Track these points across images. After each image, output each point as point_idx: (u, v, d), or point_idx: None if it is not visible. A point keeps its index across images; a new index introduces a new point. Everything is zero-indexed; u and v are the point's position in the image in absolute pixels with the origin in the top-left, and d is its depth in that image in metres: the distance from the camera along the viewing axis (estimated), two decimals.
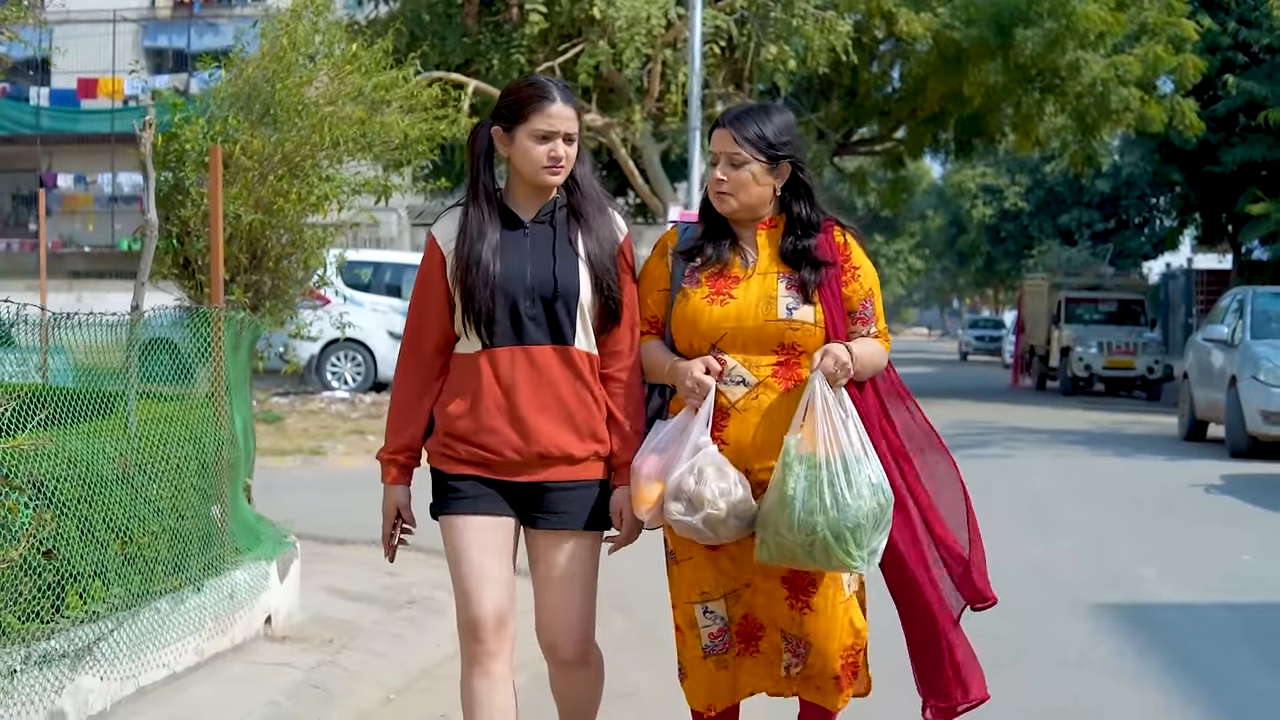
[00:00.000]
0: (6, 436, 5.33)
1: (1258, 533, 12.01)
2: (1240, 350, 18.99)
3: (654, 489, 4.54)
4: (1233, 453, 18.52)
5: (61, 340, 6.21)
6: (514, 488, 4.64)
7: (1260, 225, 32.89)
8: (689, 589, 4.77)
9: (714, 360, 4.59)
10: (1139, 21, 29.15)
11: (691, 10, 22.85)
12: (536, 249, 4.65)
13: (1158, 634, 8.16)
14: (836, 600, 4.66)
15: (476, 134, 4.73)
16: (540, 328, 4.61)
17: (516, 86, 4.71)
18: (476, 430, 4.61)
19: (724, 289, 4.68)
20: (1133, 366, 32.98)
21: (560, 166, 4.59)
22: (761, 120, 4.67)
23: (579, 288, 4.63)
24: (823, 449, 4.41)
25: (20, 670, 5.26)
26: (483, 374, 4.61)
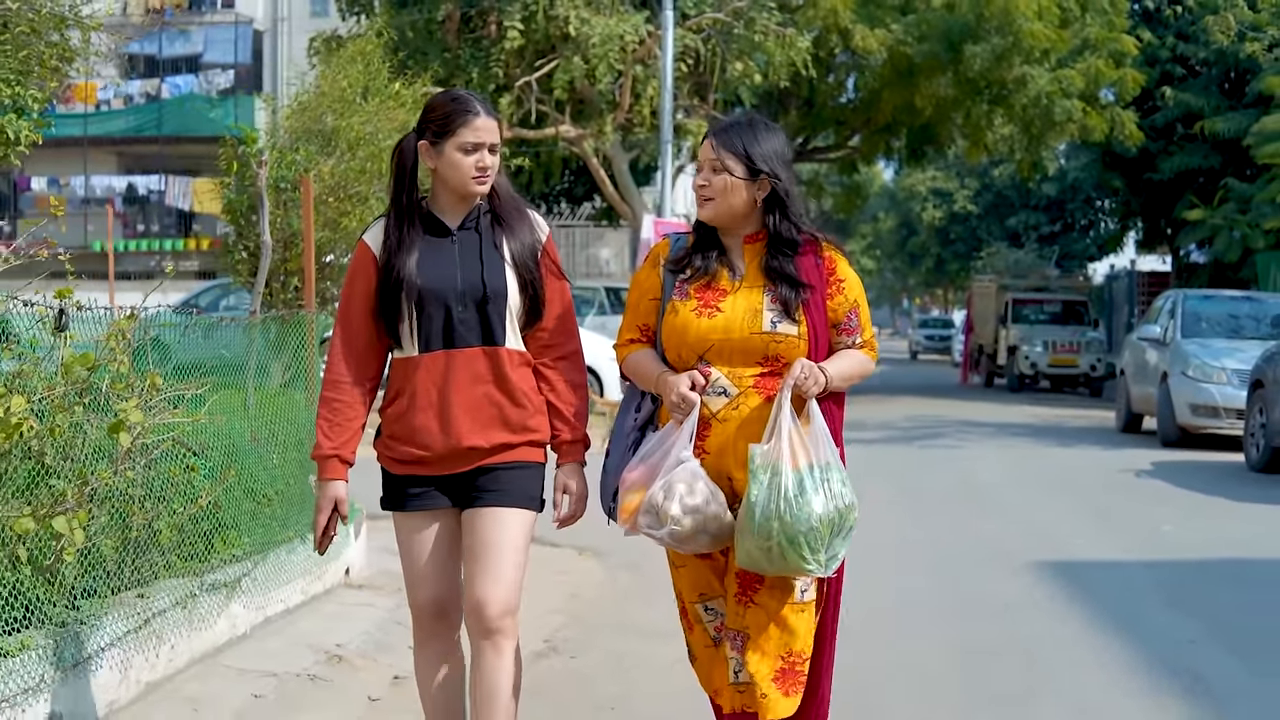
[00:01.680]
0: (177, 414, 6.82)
1: (1178, 509, 13.58)
2: (1171, 348, 20.49)
3: (633, 498, 4.69)
4: (1164, 442, 20.06)
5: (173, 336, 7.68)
6: (450, 479, 4.83)
7: (1196, 230, 34.57)
8: (689, 590, 4.95)
9: (699, 375, 4.71)
10: (1082, 37, 30.77)
11: (664, 33, 24.33)
12: (464, 255, 4.81)
13: (1082, 585, 9.68)
14: (784, 600, 4.73)
15: (402, 148, 4.87)
16: (471, 331, 4.77)
17: (441, 102, 4.86)
18: (410, 429, 4.80)
19: (712, 301, 4.79)
20: (1076, 364, 34.61)
21: (487, 176, 4.78)
22: (746, 134, 4.77)
23: (507, 289, 4.80)
24: (787, 458, 4.53)
25: (197, 594, 6.76)
26: (417, 377, 4.78)
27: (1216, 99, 34.68)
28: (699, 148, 4.97)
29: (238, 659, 6.96)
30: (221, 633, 7.05)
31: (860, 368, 4.87)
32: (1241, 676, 7.40)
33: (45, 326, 5.70)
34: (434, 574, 4.89)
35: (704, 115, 27.60)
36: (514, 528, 4.81)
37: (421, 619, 4.94)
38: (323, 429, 4.86)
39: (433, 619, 4.91)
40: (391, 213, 4.87)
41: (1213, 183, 34.31)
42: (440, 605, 4.89)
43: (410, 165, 4.85)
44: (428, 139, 4.81)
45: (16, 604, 5.45)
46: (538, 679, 7.16)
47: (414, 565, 4.90)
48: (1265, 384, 16.74)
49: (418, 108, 10.81)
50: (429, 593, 4.88)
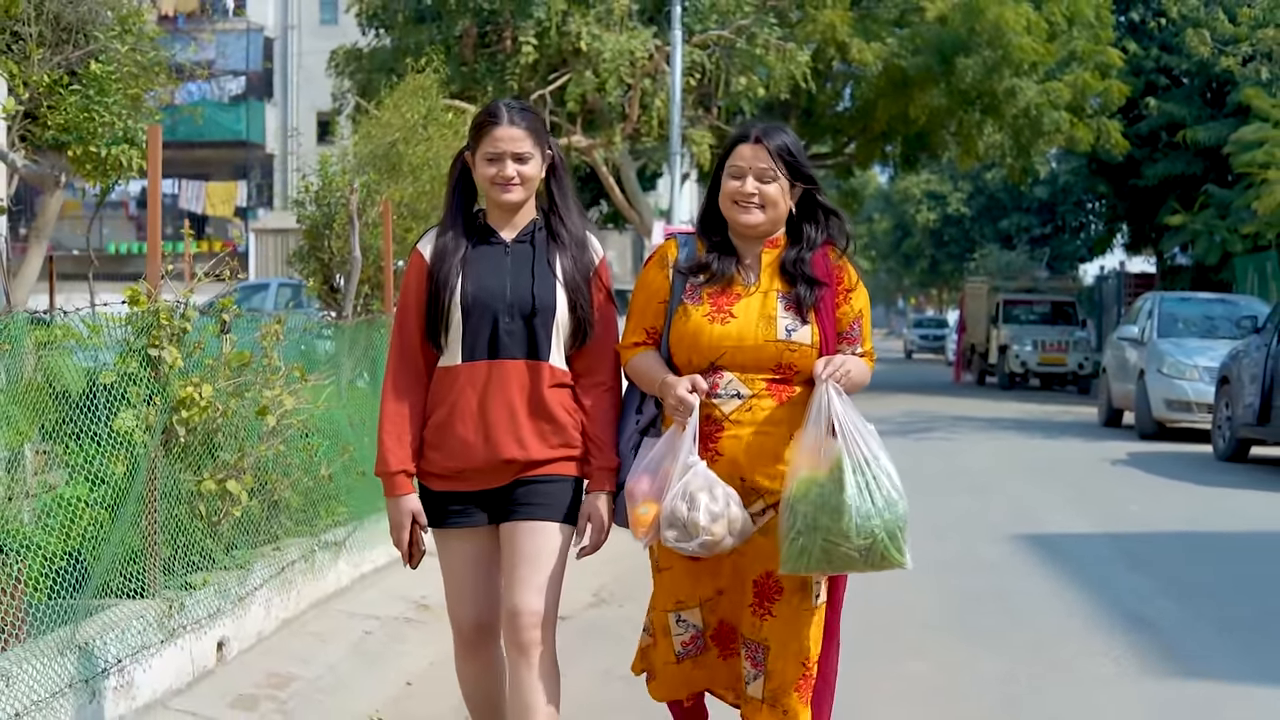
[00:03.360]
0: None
1: (1147, 492, 15.03)
2: (1148, 347, 21.88)
3: (649, 511, 4.60)
4: (1141, 435, 21.48)
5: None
6: (489, 493, 4.81)
7: (1178, 235, 36.01)
8: (665, 597, 4.89)
9: (700, 379, 4.66)
10: (1069, 50, 32.19)
11: (673, 50, 25.66)
12: (516, 267, 4.80)
13: (1054, 551, 11.08)
14: (802, 607, 4.73)
15: (455, 163, 4.97)
16: (517, 343, 4.75)
17: (477, 113, 4.96)
18: (449, 439, 4.78)
19: (725, 306, 4.73)
20: (1065, 363, 36.03)
21: (512, 185, 4.77)
22: (792, 141, 4.78)
23: (555, 305, 4.77)
24: (856, 453, 4.48)
25: (315, 551, 8.17)
26: (459, 386, 4.77)
27: (1198, 108, 36.07)
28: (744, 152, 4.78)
29: (345, 605, 8.37)
30: (330, 584, 8.44)
31: (865, 376, 4.80)
32: (1184, 618, 8.83)
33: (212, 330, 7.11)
34: (475, 592, 4.92)
35: (707, 126, 28.96)
36: (551, 540, 4.79)
37: (464, 634, 4.98)
38: (387, 444, 4.85)
39: (475, 633, 4.96)
40: (444, 220, 4.93)
41: (1195, 189, 35.65)
42: (482, 622, 4.94)
43: (460, 176, 4.93)
44: (469, 150, 4.88)
45: (194, 551, 6.86)
46: (592, 624, 8.58)
47: (456, 583, 4.93)
48: (1231, 380, 18.14)
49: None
50: (471, 611, 4.92)
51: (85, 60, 11.22)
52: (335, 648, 7.56)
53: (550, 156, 4.90)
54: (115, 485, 6.05)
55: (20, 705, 5.12)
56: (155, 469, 6.28)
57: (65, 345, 6.47)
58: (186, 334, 6.45)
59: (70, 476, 6.02)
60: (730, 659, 4.91)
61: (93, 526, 5.88)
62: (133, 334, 6.23)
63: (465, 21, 28.07)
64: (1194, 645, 8.18)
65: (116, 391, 6.10)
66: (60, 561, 5.75)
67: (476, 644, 4.99)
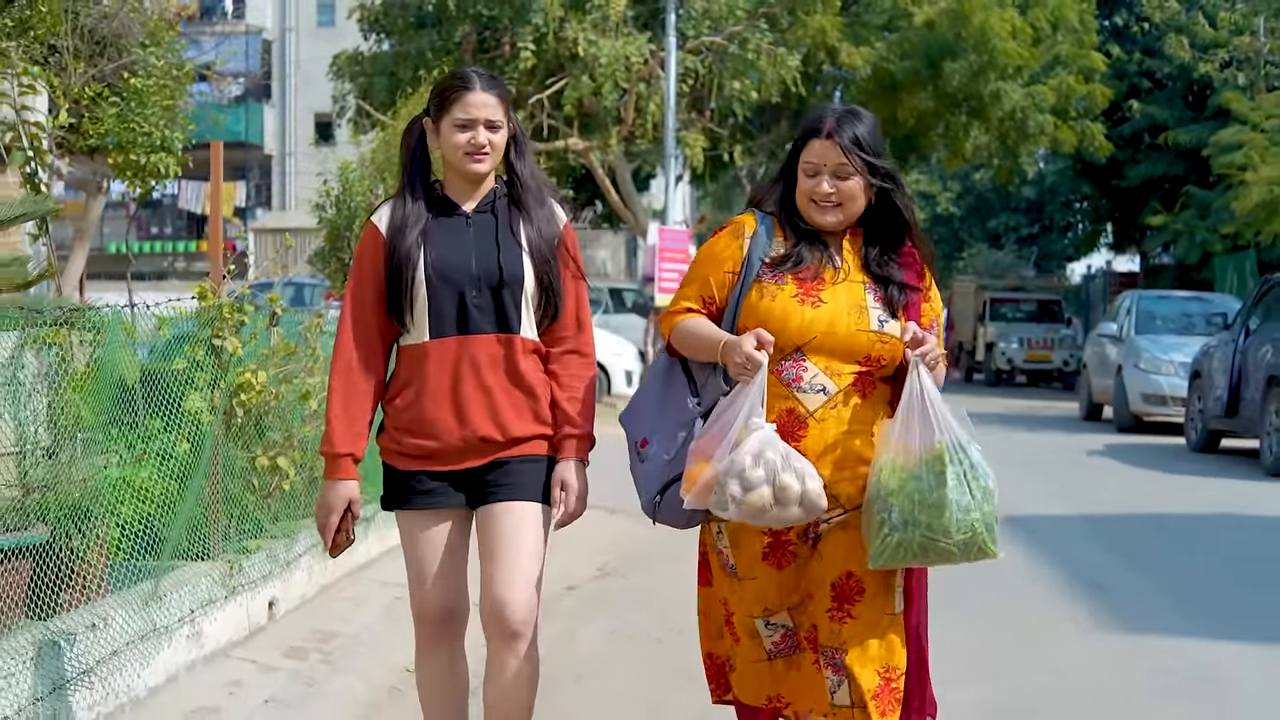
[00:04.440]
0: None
1: (1119, 479, 15.89)
2: (1126, 344, 22.66)
3: (697, 469, 4.30)
4: (1119, 428, 22.31)
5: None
6: (462, 474, 4.65)
7: (1160, 234, 36.92)
8: (751, 604, 4.50)
9: (765, 332, 4.29)
10: (1053, 54, 33.03)
11: (667, 56, 26.46)
12: (479, 238, 4.61)
13: (1028, 530, 11.87)
14: (883, 610, 4.43)
15: (410, 127, 4.72)
16: (486, 317, 4.58)
17: (442, 79, 4.71)
18: (420, 420, 4.60)
19: (813, 291, 4.43)
20: (1050, 360, 36.99)
21: (483, 154, 4.56)
22: (864, 135, 4.43)
23: (524, 276, 4.60)
24: (952, 443, 4.24)
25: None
26: (428, 364, 4.59)
27: (1180, 111, 36.96)
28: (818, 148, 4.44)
29: (375, 574, 9.17)
30: (361, 556, 9.24)
31: (941, 376, 4.51)
32: (1140, 587, 9.70)
33: (263, 322, 7.92)
34: (443, 578, 4.70)
35: (701, 128, 29.74)
36: (532, 523, 4.66)
37: (427, 625, 4.75)
38: (335, 425, 4.67)
39: (439, 624, 4.73)
40: (403, 193, 4.68)
41: (1176, 190, 36.50)
42: (448, 611, 4.72)
43: (417, 144, 4.70)
44: (429, 117, 4.67)
45: (247, 520, 7.67)
46: (599, 593, 9.39)
47: (422, 568, 4.72)
48: (1202, 375, 18.99)
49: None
50: (437, 599, 4.71)
51: (119, 72, 12.02)
52: (369, 610, 8.35)
53: (513, 128, 4.68)
54: (183, 460, 6.86)
55: (115, 645, 5.93)
56: (218, 446, 7.10)
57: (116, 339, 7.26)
58: (244, 326, 7.26)
59: (144, 454, 6.82)
60: (821, 670, 4.46)
61: (165, 497, 6.69)
62: (199, 325, 7.04)
63: (465, 27, 28.82)
64: (1145, 609, 9.03)
65: (185, 377, 6.91)
66: (136, 526, 6.57)
67: (441, 635, 4.76)
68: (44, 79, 11.14)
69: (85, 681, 5.65)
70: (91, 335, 6.41)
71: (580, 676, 7.19)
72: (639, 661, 7.55)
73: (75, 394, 6.15)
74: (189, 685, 6.46)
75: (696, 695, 6.88)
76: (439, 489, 4.67)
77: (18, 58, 9.73)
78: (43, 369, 6.07)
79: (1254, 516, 13.04)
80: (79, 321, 5.95)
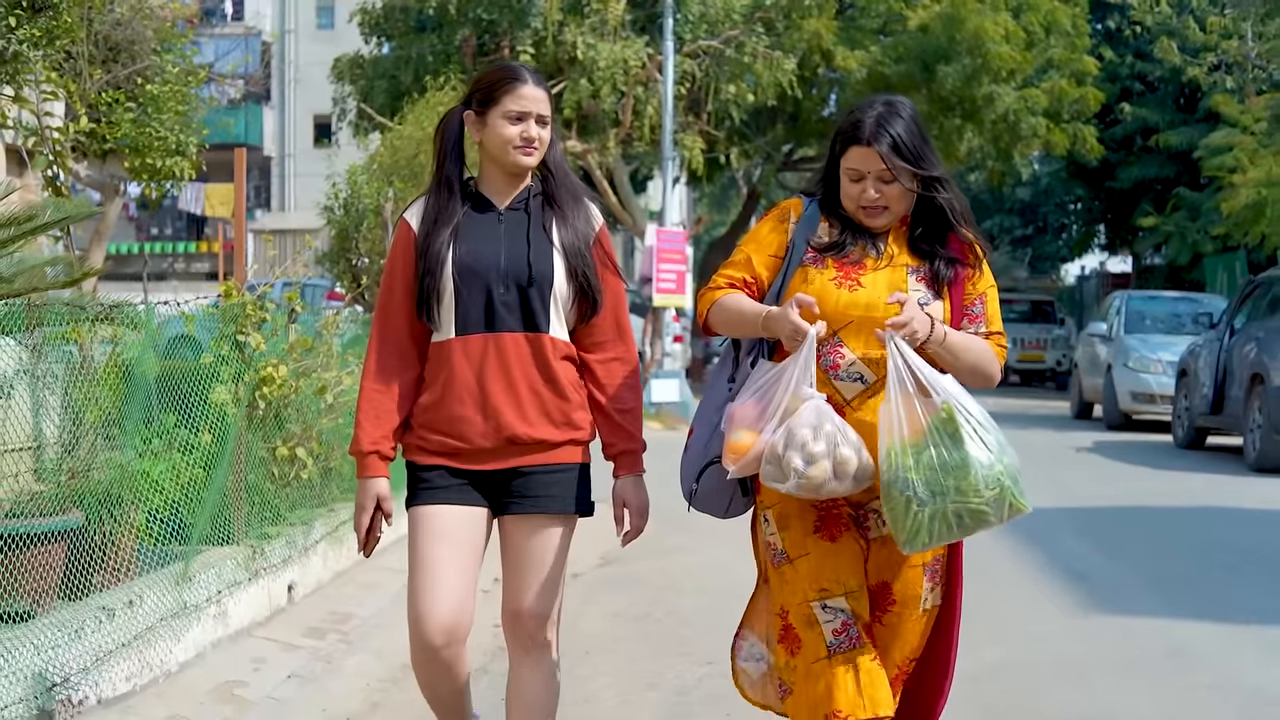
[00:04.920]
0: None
1: (1105, 474, 16.31)
2: (1116, 343, 23.10)
3: (744, 439, 4.20)
4: (1109, 426, 22.74)
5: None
6: (486, 476, 4.50)
7: (1152, 236, 37.33)
8: (807, 587, 4.34)
9: (805, 296, 4.20)
10: (1046, 58, 33.42)
11: (665, 60, 26.84)
12: (510, 235, 4.50)
13: (1015, 522, 11.96)
14: (910, 617, 4.46)
15: (448, 121, 4.61)
16: (514, 314, 4.46)
17: (488, 72, 4.59)
18: (446, 419, 4.47)
19: (853, 275, 4.36)
20: (1043, 360, 37.42)
21: (534, 148, 4.47)
22: (904, 135, 4.32)
23: (553, 275, 4.48)
24: (951, 400, 4.16)
25: None
26: (454, 361, 4.46)
27: (1171, 114, 37.35)
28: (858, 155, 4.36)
29: (386, 562, 9.52)
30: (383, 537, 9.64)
31: (982, 355, 4.42)
32: (1117, 573, 10.13)
33: (281, 320, 8.32)
34: (450, 586, 4.43)
35: (697, 131, 30.11)
36: (556, 537, 4.55)
37: (427, 639, 4.43)
38: (363, 423, 4.52)
39: (443, 634, 4.42)
40: (437, 189, 4.55)
41: (1168, 191, 36.90)
42: (453, 624, 4.43)
43: (455, 137, 4.57)
44: (473, 109, 4.54)
45: (266, 508, 8.07)
46: (602, 578, 9.82)
47: (430, 572, 4.44)
48: (1189, 373, 19.42)
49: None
50: (443, 610, 4.41)
51: (133, 77, 12.42)
52: (382, 595, 8.74)
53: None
54: (208, 450, 7.26)
55: (148, 622, 6.34)
56: (242, 436, 7.50)
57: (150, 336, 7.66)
58: (265, 322, 7.67)
59: (171, 443, 7.22)
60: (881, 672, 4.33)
61: (192, 484, 7.10)
62: (223, 322, 7.44)
63: (465, 31, 29.16)
64: (1122, 593, 9.46)
65: (211, 371, 7.31)
66: (164, 512, 6.97)
67: (442, 646, 4.44)
68: (62, 85, 11.55)
69: (124, 654, 6.05)
70: (111, 332, 6.80)
71: (587, 652, 7.59)
72: (638, 639, 7.98)
73: (107, 389, 6.55)
74: (216, 661, 6.87)
75: (689, 668, 7.38)
76: (459, 485, 4.49)
77: (42, 66, 10.12)
78: (75, 364, 6.46)
79: (1234, 509, 13.46)
80: (119, 318, 6.33)
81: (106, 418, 6.60)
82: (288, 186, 55.58)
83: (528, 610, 4.53)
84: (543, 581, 4.54)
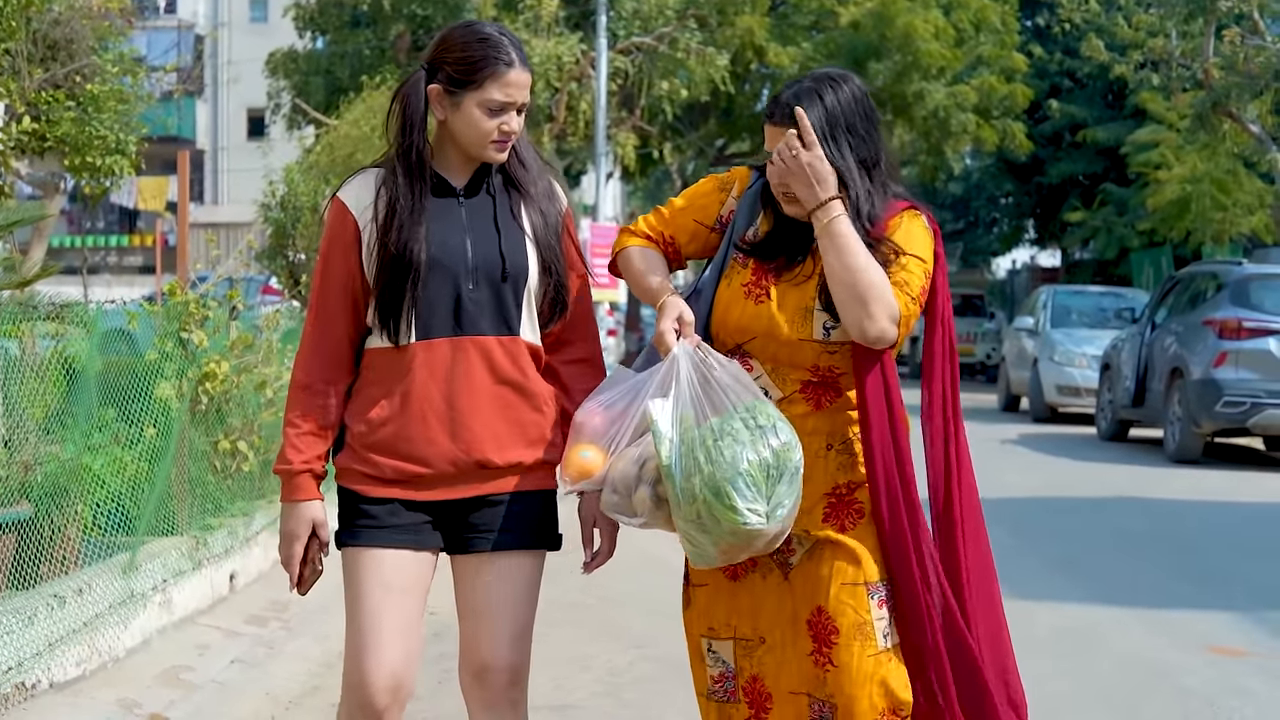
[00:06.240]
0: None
1: (1027, 466, 16.76)
2: (1042, 337, 23.51)
3: (590, 457, 3.75)
4: (1035, 419, 23.12)
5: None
6: (443, 507, 3.86)
7: (1079, 231, 37.92)
8: (698, 619, 3.98)
9: (688, 311, 3.78)
10: (976, 54, 33.94)
11: (598, 57, 27.13)
12: (475, 223, 3.86)
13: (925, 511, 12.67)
14: (863, 653, 3.77)
15: (410, 91, 3.84)
16: (484, 315, 3.83)
17: (465, 40, 3.80)
18: (405, 440, 3.81)
19: (765, 283, 3.85)
20: (973, 353, 37.76)
21: (509, 142, 3.82)
22: (811, 99, 3.80)
23: (528, 268, 3.87)
24: (693, 414, 3.64)
25: None
26: (415, 371, 3.81)
27: (1099, 110, 37.95)
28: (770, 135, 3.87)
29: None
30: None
31: (871, 273, 3.74)
32: (1022, 556, 10.46)
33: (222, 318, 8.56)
34: (395, 641, 3.81)
35: (631, 127, 30.41)
36: (529, 575, 3.92)
37: (373, 699, 3.81)
38: (291, 438, 3.86)
39: (388, 695, 3.82)
40: (397, 169, 3.81)
41: (1096, 186, 37.51)
42: (396, 685, 3.83)
43: (422, 113, 3.82)
44: (442, 84, 3.80)
45: (209, 500, 8.31)
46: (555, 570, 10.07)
47: (377, 627, 3.80)
48: (1112, 367, 19.86)
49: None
50: (392, 668, 3.80)
51: (71, 75, 12.62)
52: (320, 583, 8.96)
53: None
54: (152, 445, 7.50)
55: (96, 611, 6.58)
56: (185, 431, 7.74)
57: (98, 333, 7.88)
58: (208, 320, 7.91)
59: (116, 438, 7.46)
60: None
61: (137, 477, 7.34)
62: (167, 319, 7.68)
63: (399, 27, 29.35)
64: (1030, 578, 9.79)
65: (155, 367, 7.55)
66: (110, 505, 7.22)
67: (380, 717, 3.84)
68: (2, 84, 11.74)
69: (74, 640, 6.30)
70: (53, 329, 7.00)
71: None
72: (571, 624, 8.25)
73: (53, 385, 6.78)
74: (162, 647, 7.13)
75: (621, 651, 7.66)
76: (417, 524, 3.85)
77: None
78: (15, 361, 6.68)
79: (1150, 499, 13.90)
80: (68, 317, 6.56)
81: (50, 413, 6.82)
82: (221, 180, 55.53)
83: (500, 664, 3.88)
84: (517, 629, 3.89)
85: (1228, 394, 16.47)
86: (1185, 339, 17.65)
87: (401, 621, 3.81)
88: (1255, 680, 7.34)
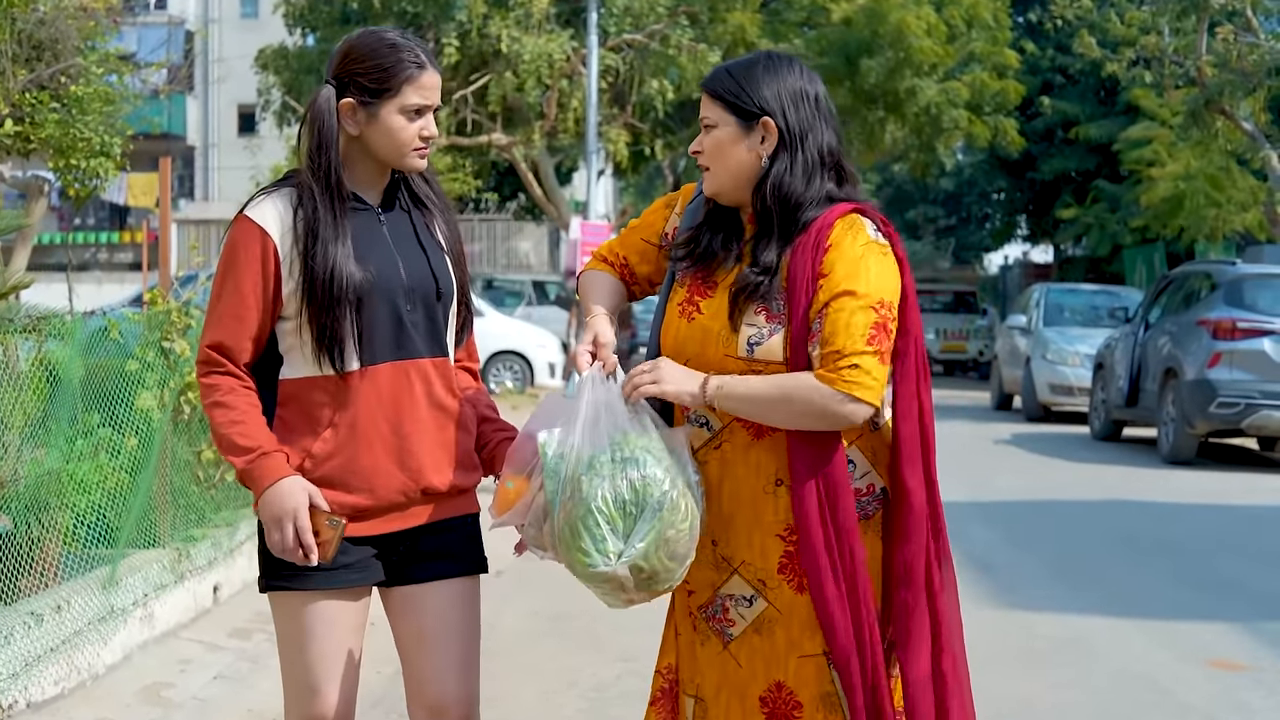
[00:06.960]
0: None
1: (1019, 466, 16.64)
2: (1035, 335, 23.42)
3: (509, 487, 3.50)
4: (1028, 418, 23.05)
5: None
6: (388, 537, 3.70)
7: (1071, 227, 37.88)
8: (663, 648, 3.75)
9: (604, 333, 3.52)
10: (968, 51, 33.87)
11: (589, 53, 27.01)
12: (399, 241, 3.73)
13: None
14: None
15: (321, 109, 3.62)
16: (421, 336, 3.70)
17: (374, 48, 3.64)
18: (353, 472, 3.62)
19: (696, 298, 3.54)
20: (965, 350, 37.76)
21: (428, 148, 3.70)
22: (741, 75, 3.49)
23: (454, 286, 3.79)
24: (581, 444, 3.35)
25: None
26: (360, 399, 3.63)
27: (1091, 106, 37.91)
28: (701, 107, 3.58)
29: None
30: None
31: (786, 395, 3.37)
32: (1021, 563, 10.41)
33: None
34: (340, 679, 3.70)
35: (622, 124, 30.28)
36: (472, 600, 3.82)
37: None
38: (249, 429, 3.58)
39: None
40: (314, 189, 3.60)
41: (1088, 183, 37.46)
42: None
43: (335, 130, 3.62)
44: (355, 97, 3.62)
45: (192, 510, 8.20)
46: (519, 577, 9.91)
47: (318, 670, 3.67)
48: (1105, 366, 19.78)
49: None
50: (329, 705, 3.71)
51: (56, 76, 12.48)
52: None
53: None
54: (133, 455, 7.39)
55: (76, 626, 6.46)
56: (167, 441, 7.63)
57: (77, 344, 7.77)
58: (190, 328, 7.79)
59: (97, 447, 7.35)
60: None
61: (118, 488, 7.22)
62: (149, 329, 7.56)
63: (389, 24, 29.15)
64: (1025, 584, 9.76)
65: (136, 377, 7.43)
66: (91, 516, 7.10)
67: None
68: None
69: (52, 659, 6.18)
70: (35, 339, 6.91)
71: (508, 650, 7.76)
72: (556, 637, 8.15)
73: (33, 394, 6.67)
74: (143, 663, 7.02)
75: (606, 665, 7.56)
76: (362, 560, 3.68)
77: None
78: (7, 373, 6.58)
79: (1145, 502, 13.80)
80: (46, 329, 6.45)
81: (30, 421, 6.70)
82: (211, 177, 55.37)
83: (454, 695, 3.75)
84: (466, 657, 3.78)
85: (1222, 394, 16.39)
86: (1179, 339, 17.57)
87: (347, 662, 3.71)
88: (1255, 695, 7.24)
